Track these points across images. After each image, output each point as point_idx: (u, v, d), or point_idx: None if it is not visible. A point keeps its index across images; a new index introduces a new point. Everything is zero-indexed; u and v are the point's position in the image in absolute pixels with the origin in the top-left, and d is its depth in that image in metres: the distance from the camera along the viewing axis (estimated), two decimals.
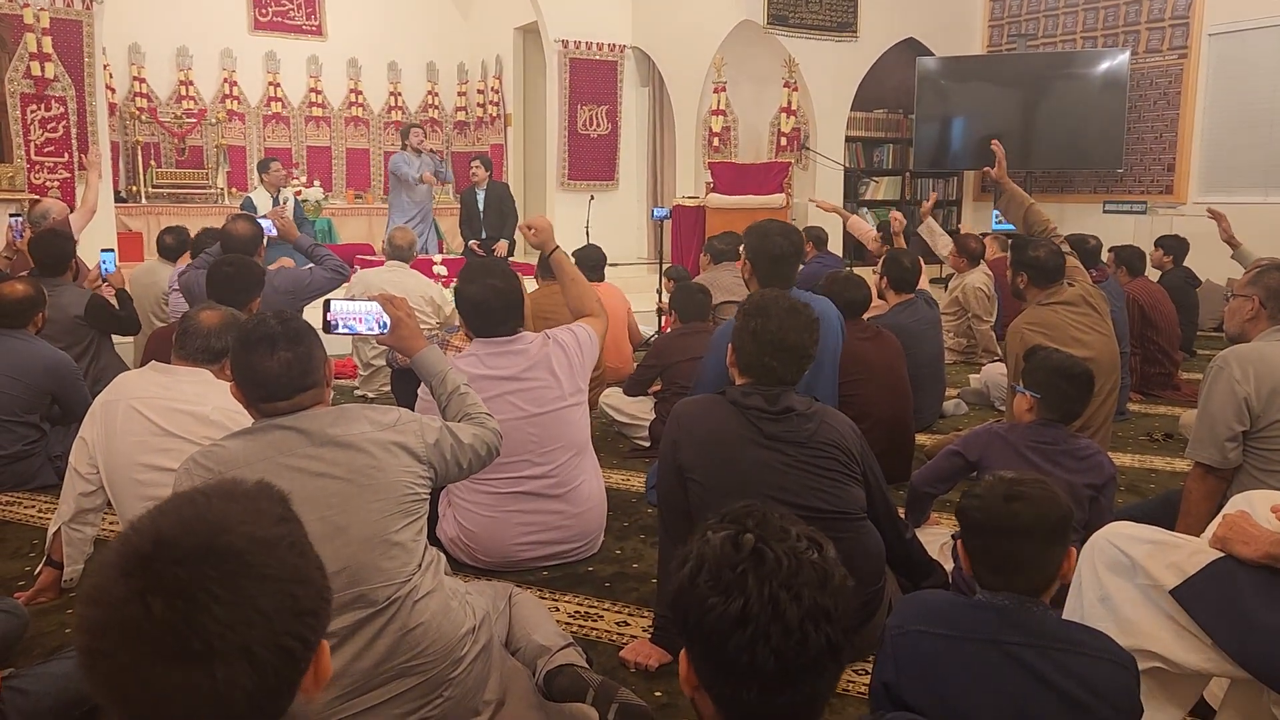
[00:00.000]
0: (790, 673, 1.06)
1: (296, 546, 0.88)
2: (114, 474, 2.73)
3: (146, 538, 0.83)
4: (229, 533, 0.84)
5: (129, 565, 0.81)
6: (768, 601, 1.06)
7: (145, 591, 0.79)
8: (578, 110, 10.63)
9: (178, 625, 0.78)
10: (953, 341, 6.61)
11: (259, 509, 0.88)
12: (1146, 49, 9.19)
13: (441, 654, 2.02)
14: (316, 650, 0.88)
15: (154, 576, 0.80)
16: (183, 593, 0.79)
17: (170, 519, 0.85)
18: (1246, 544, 1.91)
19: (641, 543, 3.40)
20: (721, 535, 1.13)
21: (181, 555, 0.81)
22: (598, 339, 3.26)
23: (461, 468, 2.23)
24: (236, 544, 0.83)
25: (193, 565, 0.80)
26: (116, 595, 0.80)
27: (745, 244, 3.59)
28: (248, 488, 0.91)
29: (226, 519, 0.85)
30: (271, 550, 0.85)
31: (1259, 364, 2.63)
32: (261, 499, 0.90)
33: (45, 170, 7.56)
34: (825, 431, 2.45)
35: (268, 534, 0.86)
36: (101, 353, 4.62)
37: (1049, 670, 1.56)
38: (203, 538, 0.82)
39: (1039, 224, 4.05)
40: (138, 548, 0.82)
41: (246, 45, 11.77)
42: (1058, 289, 3.79)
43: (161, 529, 0.83)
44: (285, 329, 1.99)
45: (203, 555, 0.81)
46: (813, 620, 1.06)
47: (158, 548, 0.82)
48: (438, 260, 7.96)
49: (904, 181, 10.91)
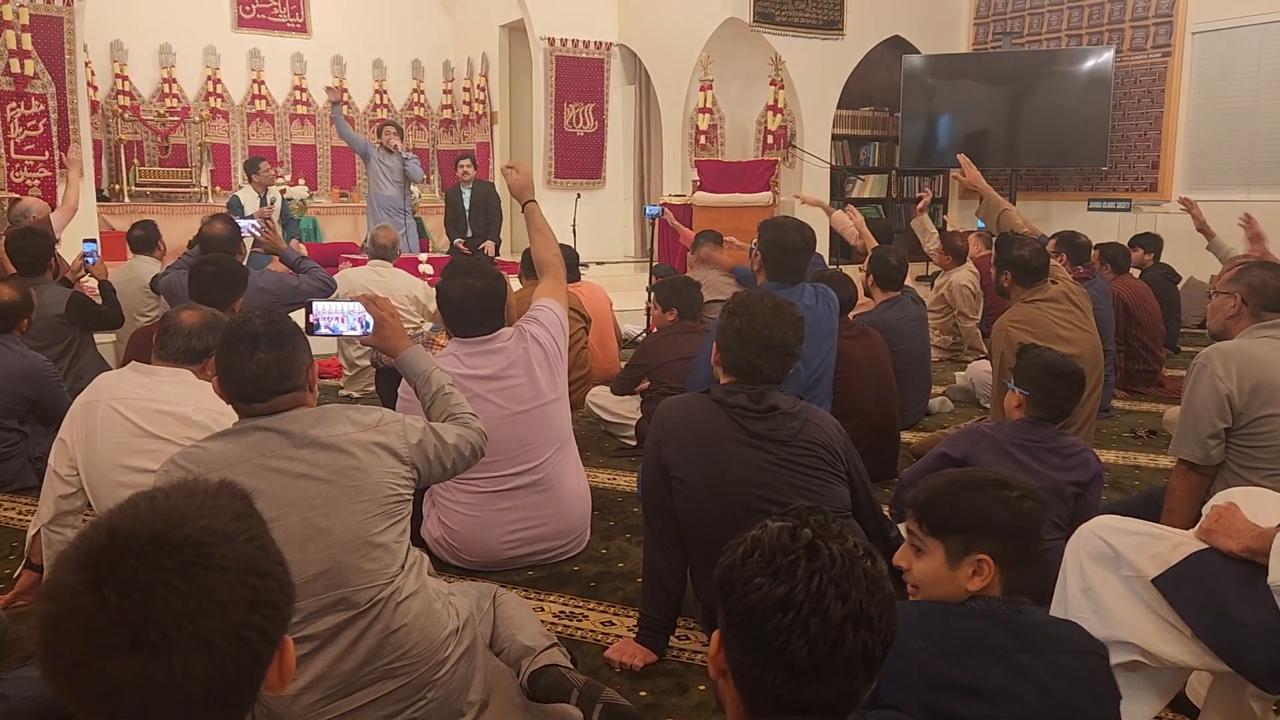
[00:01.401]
0: (820, 668, 1.06)
1: (255, 540, 0.87)
2: (94, 475, 2.71)
3: (102, 532, 0.82)
4: (186, 525, 0.83)
5: (84, 559, 0.80)
6: (814, 593, 1.07)
7: (100, 583, 0.78)
8: (564, 108, 10.61)
9: (133, 615, 0.78)
10: (939, 339, 6.63)
11: (217, 505, 0.87)
12: (1131, 47, 9.23)
13: (425, 656, 2.01)
14: (280, 646, 0.87)
15: (108, 568, 0.79)
16: (138, 583, 0.79)
17: (127, 514, 0.84)
18: (1230, 536, 1.93)
19: (627, 542, 3.39)
20: (780, 525, 1.14)
21: (137, 547, 0.80)
22: (563, 310, 3.26)
23: (445, 468, 2.22)
24: (193, 535, 0.83)
25: (148, 556, 0.80)
26: (71, 587, 0.79)
27: (759, 237, 3.63)
28: (209, 485, 0.90)
29: (184, 513, 0.84)
30: (229, 542, 0.84)
31: (1241, 361, 2.64)
32: (222, 495, 0.89)
33: (26, 168, 7.49)
34: (809, 430, 2.45)
35: (226, 527, 0.85)
36: (83, 351, 4.58)
37: (1047, 675, 1.53)
38: (158, 529, 0.82)
39: (1011, 229, 4.09)
40: (93, 541, 0.82)
41: (230, 43, 11.70)
42: (1042, 287, 3.81)
43: (117, 524, 0.83)
44: (269, 330, 1.97)
45: (158, 547, 0.81)
46: (854, 622, 1.07)
47: (113, 540, 0.81)
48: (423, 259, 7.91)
49: (890, 179, 10.93)
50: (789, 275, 3.44)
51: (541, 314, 3.20)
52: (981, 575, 1.60)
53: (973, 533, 1.61)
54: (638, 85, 11.18)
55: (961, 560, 1.62)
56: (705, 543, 2.41)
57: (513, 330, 3.15)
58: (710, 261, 5.74)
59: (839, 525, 1.17)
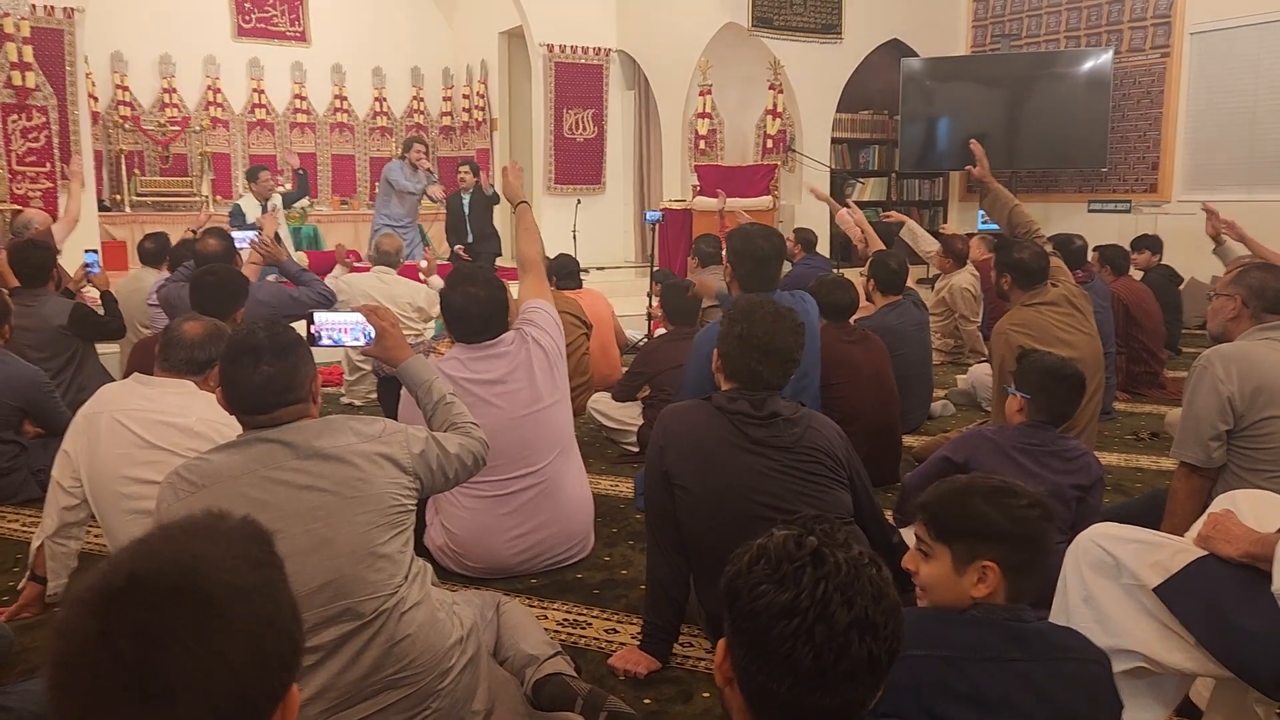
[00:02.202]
0: (825, 676, 1.07)
1: (273, 596, 0.87)
2: (98, 487, 2.71)
3: (121, 574, 0.82)
4: (205, 578, 0.83)
5: (99, 603, 0.81)
6: (819, 600, 1.07)
7: (113, 633, 0.79)
8: (563, 114, 10.63)
9: (140, 667, 0.78)
10: (940, 342, 6.63)
11: (239, 552, 0.87)
12: (1129, 48, 9.24)
13: (429, 665, 2.01)
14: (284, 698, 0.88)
15: (123, 618, 0.79)
16: (151, 637, 0.79)
17: (146, 557, 0.84)
18: (1229, 542, 1.93)
19: (630, 549, 3.39)
20: (786, 534, 1.15)
21: (154, 600, 0.80)
22: (554, 308, 3.34)
23: (448, 478, 2.22)
24: (213, 593, 0.82)
25: (164, 610, 0.80)
26: (85, 632, 0.79)
27: (728, 247, 3.62)
28: (231, 525, 0.90)
29: (204, 562, 0.84)
30: (247, 601, 0.84)
31: (1242, 363, 2.64)
32: (244, 540, 0.89)
33: (27, 180, 7.52)
34: (811, 436, 2.45)
35: (244, 582, 0.85)
36: (85, 363, 4.58)
37: (1049, 683, 1.53)
38: (175, 580, 0.82)
39: (1023, 224, 4.06)
40: (110, 584, 0.82)
41: (230, 52, 11.72)
42: (1042, 290, 3.81)
43: (137, 568, 0.83)
44: (272, 342, 1.98)
45: (176, 601, 0.81)
46: (859, 629, 1.07)
47: (130, 585, 0.81)
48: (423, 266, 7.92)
49: (890, 182, 10.93)
50: (761, 284, 3.42)
51: (537, 315, 3.23)
52: (986, 582, 1.60)
53: (979, 539, 1.61)
54: (637, 91, 11.19)
55: (967, 566, 1.61)
56: (708, 549, 2.41)
57: (514, 334, 3.16)
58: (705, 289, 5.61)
59: (845, 534, 1.17)
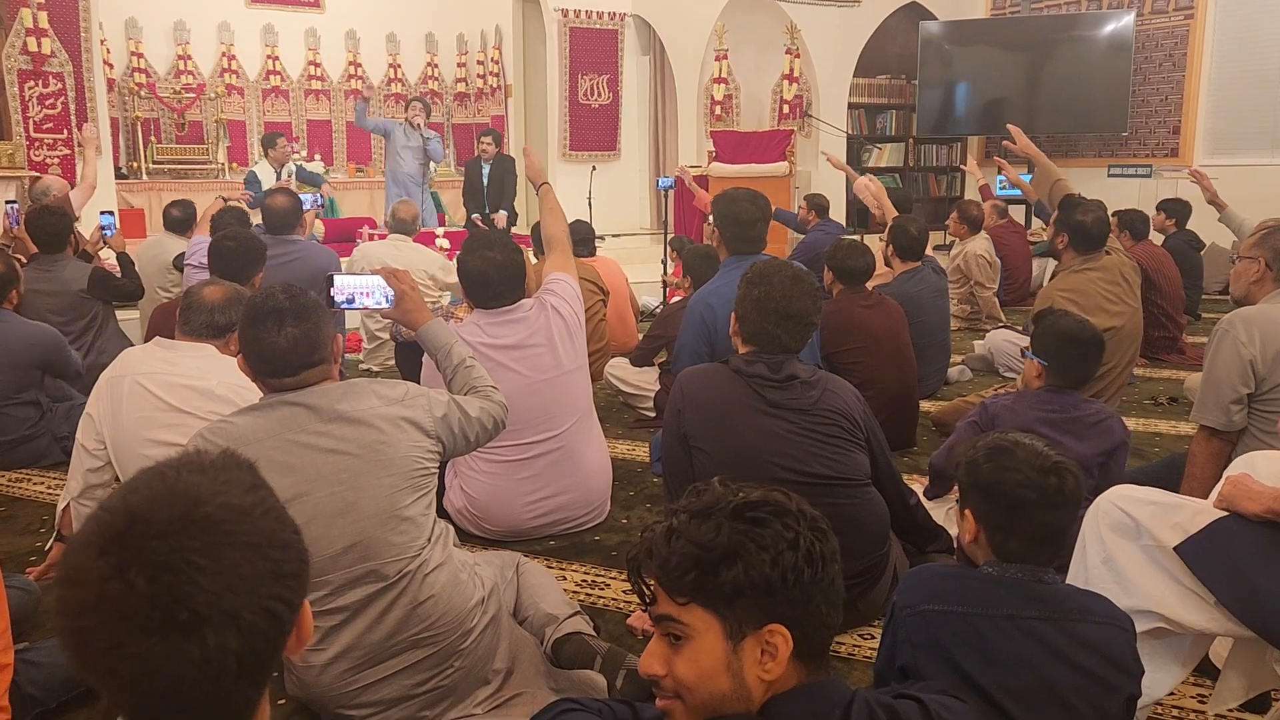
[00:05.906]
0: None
1: (271, 512, 0.88)
2: (121, 449, 2.75)
3: (119, 515, 0.82)
4: (204, 503, 0.84)
5: (105, 543, 0.80)
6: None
7: (125, 568, 0.79)
8: (578, 80, 10.55)
9: (163, 598, 0.78)
10: (956, 308, 6.60)
11: (229, 478, 0.88)
12: (1152, 10, 9.09)
13: (452, 625, 2.04)
14: (299, 611, 0.89)
15: (133, 552, 0.79)
16: (166, 565, 0.79)
17: (141, 495, 0.84)
18: (1251, 500, 1.92)
19: (648, 511, 3.41)
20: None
21: (159, 529, 0.81)
22: (576, 281, 3.32)
23: (469, 441, 2.24)
24: (214, 514, 0.83)
25: (172, 538, 0.80)
26: (96, 573, 0.79)
27: (713, 211, 3.63)
28: (214, 458, 0.90)
29: (199, 490, 0.85)
30: (248, 517, 0.85)
31: (1264, 326, 2.62)
32: (230, 468, 0.89)
33: (45, 147, 7.53)
34: (829, 399, 2.46)
35: (242, 502, 0.86)
36: (105, 327, 4.63)
37: (1065, 643, 1.54)
38: (178, 510, 0.82)
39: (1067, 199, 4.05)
40: (111, 525, 0.81)
41: (244, 19, 11.66)
42: (1095, 256, 3.77)
43: (134, 505, 0.83)
44: (293, 304, 1.98)
45: (181, 527, 0.81)
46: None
47: (132, 523, 0.81)
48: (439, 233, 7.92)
49: (907, 148, 10.84)
50: (748, 245, 3.42)
51: (558, 285, 3.23)
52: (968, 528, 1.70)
53: (965, 490, 1.72)
54: (652, 56, 11.09)
55: (965, 510, 1.72)
56: None
57: (533, 301, 3.17)
58: None
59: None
